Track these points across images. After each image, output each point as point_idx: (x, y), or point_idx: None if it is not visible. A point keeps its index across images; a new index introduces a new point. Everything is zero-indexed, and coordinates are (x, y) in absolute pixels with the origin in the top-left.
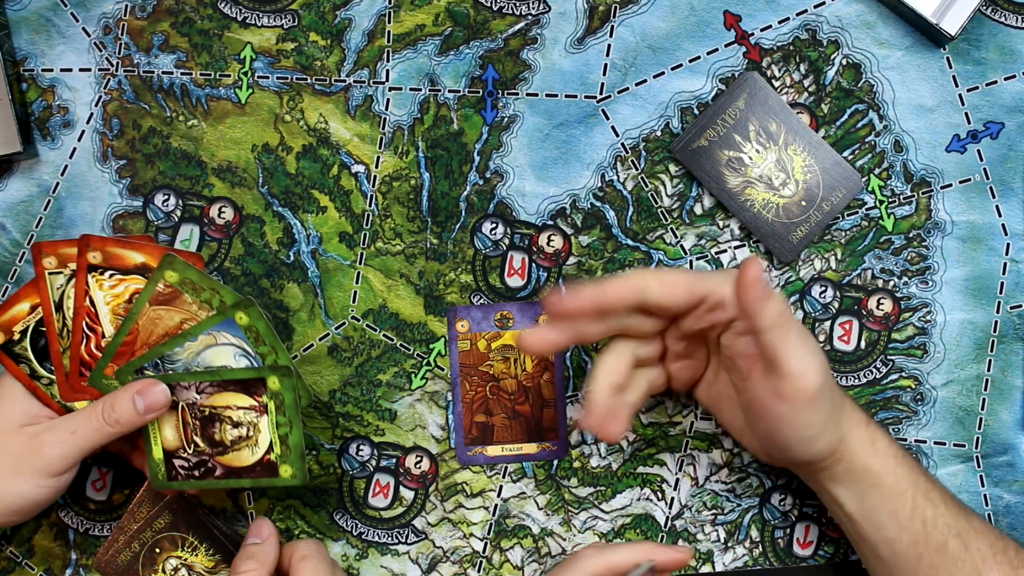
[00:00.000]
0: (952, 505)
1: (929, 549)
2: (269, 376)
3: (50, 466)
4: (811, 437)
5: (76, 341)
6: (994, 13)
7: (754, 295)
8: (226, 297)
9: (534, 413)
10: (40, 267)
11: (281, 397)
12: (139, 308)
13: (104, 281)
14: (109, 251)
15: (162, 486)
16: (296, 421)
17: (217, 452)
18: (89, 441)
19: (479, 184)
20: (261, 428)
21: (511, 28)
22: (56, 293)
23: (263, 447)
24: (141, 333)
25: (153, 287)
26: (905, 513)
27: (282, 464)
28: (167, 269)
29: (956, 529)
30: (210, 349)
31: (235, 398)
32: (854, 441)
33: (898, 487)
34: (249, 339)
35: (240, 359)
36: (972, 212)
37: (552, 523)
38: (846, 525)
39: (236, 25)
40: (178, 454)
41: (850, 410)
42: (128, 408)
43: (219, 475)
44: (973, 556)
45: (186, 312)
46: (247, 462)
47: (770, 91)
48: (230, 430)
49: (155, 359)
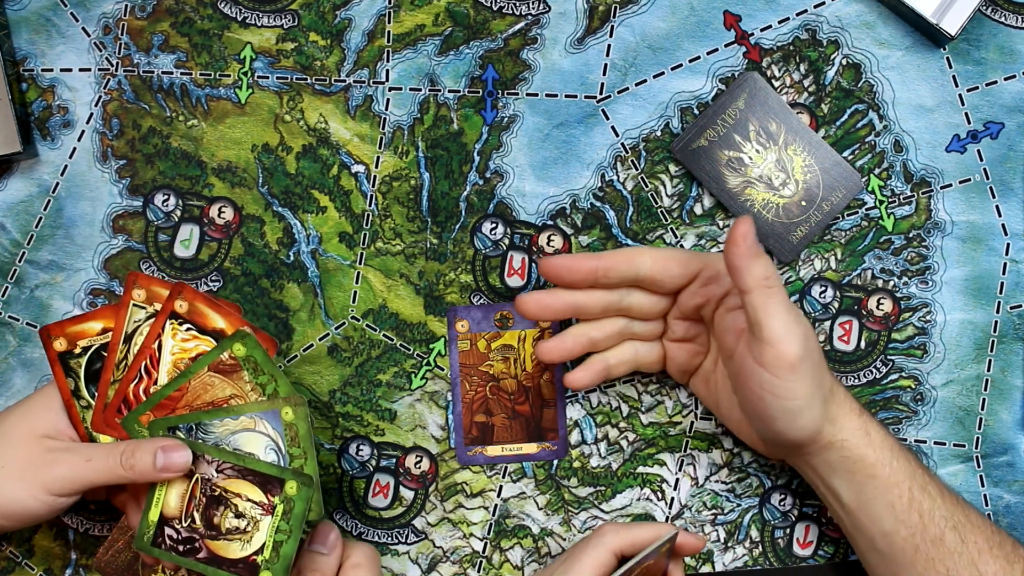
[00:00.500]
0: (949, 498)
1: (926, 541)
2: (290, 480)
3: (54, 484)
4: (794, 409)
5: (129, 378)
6: (994, 13)
7: (741, 251)
8: (281, 388)
9: (534, 413)
10: (128, 296)
11: (293, 504)
12: (197, 369)
13: (179, 332)
14: (196, 306)
15: (143, 548)
16: (296, 533)
17: (209, 535)
18: (99, 475)
19: (479, 184)
20: (260, 527)
21: (511, 28)
22: (131, 325)
23: (254, 546)
24: (189, 393)
25: (218, 353)
26: (902, 505)
27: (265, 569)
28: (237, 341)
29: (953, 522)
30: (245, 433)
31: (249, 489)
32: (846, 429)
33: (894, 479)
34: (286, 437)
35: (270, 452)
36: (972, 212)
37: (552, 523)
38: (843, 519)
39: (236, 25)
40: (172, 523)
41: (842, 398)
42: (147, 460)
43: (201, 558)
44: (969, 549)
45: (238, 388)
46: (233, 555)
47: (770, 91)
48: (231, 518)
49: (192, 423)
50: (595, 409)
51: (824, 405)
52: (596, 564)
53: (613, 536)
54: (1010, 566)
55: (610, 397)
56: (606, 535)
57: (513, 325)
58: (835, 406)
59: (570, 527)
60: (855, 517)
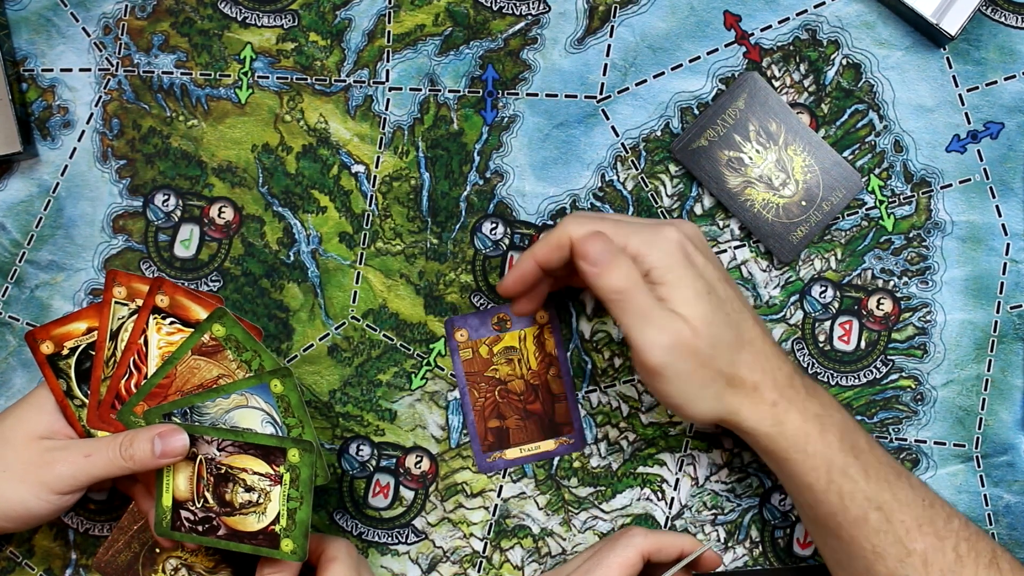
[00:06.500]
0: (878, 479)
1: (847, 520)
2: (291, 448)
3: (56, 482)
4: (678, 405)
5: (119, 374)
6: (994, 13)
7: (585, 271)
8: (266, 362)
9: (546, 410)
10: (109, 294)
11: (298, 471)
12: (181, 354)
13: (163, 326)
14: (178, 299)
15: (164, 534)
16: (308, 498)
17: (224, 512)
18: (100, 468)
19: (479, 184)
20: (272, 497)
21: (511, 28)
22: (115, 323)
23: (270, 516)
24: (177, 379)
25: (199, 336)
26: (820, 487)
27: (284, 537)
28: (216, 322)
29: (878, 502)
30: (239, 410)
31: (253, 463)
32: (751, 419)
33: (809, 463)
34: (280, 408)
35: (266, 425)
36: (972, 212)
37: (552, 523)
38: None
39: (236, 25)
40: (186, 506)
41: (751, 388)
42: (145, 448)
43: (221, 535)
44: (896, 528)
45: (225, 368)
46: (251, 528)
47: (770, 91)
48: (242, 493)
49: (185, 408)
50: (595, 409)
51: (717, 399)
52: (624, 564)
53: (643, 539)
54: (940, 542)
55: (610, 397)
56: (635, 536)
57: (512, 327)
58: (739, 398)
59: (570, 527)
60: (784, 485)
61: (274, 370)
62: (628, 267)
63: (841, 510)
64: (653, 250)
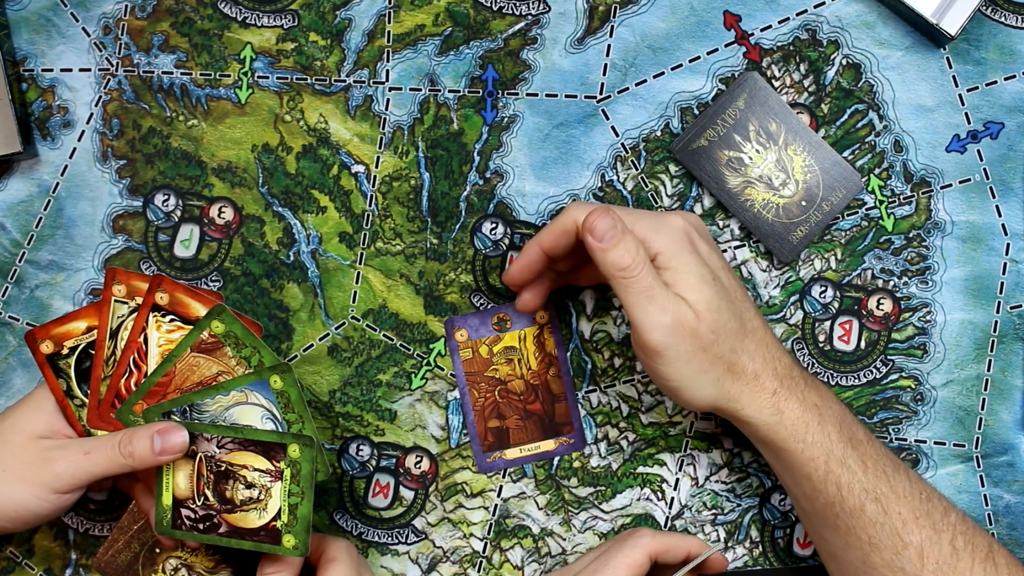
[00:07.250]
0: (875, 470)
1: (844, 511)
2: (291, 443)
3: (55, 481)
4: (676, 388)
5: (119, 373)
6: (994, 13)
7: (592, 245)
8: (266, 358)
9: (546, 410)
10: (109, 292)
11: (299, 466)
12: (180, 352)
13: (163, 324)
14: (177, 297)
15: (165, 532)
16: (309, 493)
17: (225, 509)
18: (100, 466)
19: (479, 184)
20: (273, 493)
21: (511, 28)
22: (115, 321)
23: (271, 513)
24: (177, 377)
25: (198, 334)
26: (818, 477)
27: (286, 533)
28: (215, 319)
29: (875, 494)
30: (239, 406)
31: (253, 459)
32: (751, 407)
33: (808, 453)
34: (280, 404)
35: (266, 422)
36: (972, 212)
37: (552, 523)
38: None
39: (236, 25)
40: (187, 504)
41: (752, 377)
42: (145, 445)
43: (222, 532)
44: (892, 519)
45: (224, 365)
46: (252, 524)
47: (770, 91)
48: (242, 490)
49: (185, 405)
50: (595, 409)
51: (717, 385)
52: (632, 564)
53: (651, 539)
54: (936, 535)
55: (610, 397)
56: (643, 536)
57: (512, 326)
58: (739, 386)
59: (570, 527)
60: (780, 476)
61: (274, 366)
62: (635, 244)
63: (838, 500)
64: (659, 235)
